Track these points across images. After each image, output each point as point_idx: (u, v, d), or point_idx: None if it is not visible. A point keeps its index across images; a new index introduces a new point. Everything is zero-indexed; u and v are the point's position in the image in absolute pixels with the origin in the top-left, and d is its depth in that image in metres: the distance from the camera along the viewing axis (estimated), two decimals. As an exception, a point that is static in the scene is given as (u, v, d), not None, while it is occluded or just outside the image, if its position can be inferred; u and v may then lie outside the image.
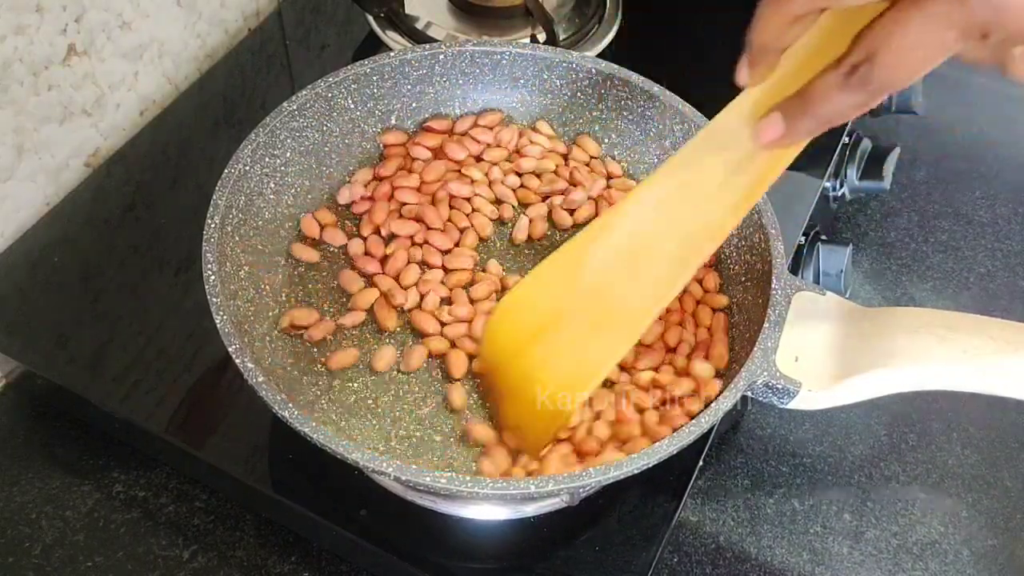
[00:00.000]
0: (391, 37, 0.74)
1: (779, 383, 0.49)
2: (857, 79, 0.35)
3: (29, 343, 0.57)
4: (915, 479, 0.64)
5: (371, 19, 0.75)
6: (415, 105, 0.64)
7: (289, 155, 0.58)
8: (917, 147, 0.86)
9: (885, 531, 0.61)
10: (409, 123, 0.64)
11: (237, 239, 0.54)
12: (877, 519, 0.62)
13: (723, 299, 0.57)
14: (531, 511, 0.52)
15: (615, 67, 0.62)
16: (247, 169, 0.55)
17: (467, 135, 0.63)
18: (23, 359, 0.57)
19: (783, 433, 0.65)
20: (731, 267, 0.58)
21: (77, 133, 0.66)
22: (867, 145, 0.78)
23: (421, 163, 0.62)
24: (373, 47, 0.75)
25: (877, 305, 0.75)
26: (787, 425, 0.66)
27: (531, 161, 0.63)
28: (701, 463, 0.55)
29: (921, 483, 0.64)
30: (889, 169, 0.77)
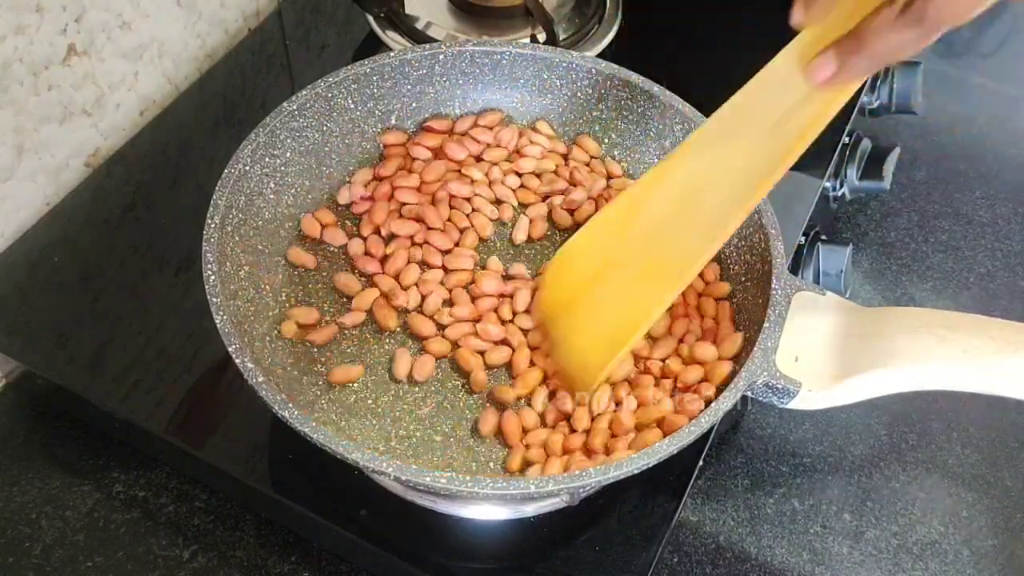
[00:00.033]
0: (391, 37, 0.74)
1: (779, 383, 0.49)
2: (912, 16, 0.35)
3: (29, 343, 0.57)
4: (915, 479, 0.64)
5: (371, 19, 0.75)
6: (415, 105, 0.64)
7: (289, 155, 0.58)
8: (917, 147, 0.86)
9: (885, 531, 0.61)
10: (409, 123, 0.64)
11: (237, 239, 0.54)
12: (877, 519, 0.62)
13: (725, 287, 0.57)
14: (531, 511, 0.52)
15: (615, 67, 0.62)
16: (247, 169, 0.55)
17: (467, 135, 0.63)
18: (23, 359, 0.57)
19: (783, 433, 0.65)
20: (731, 267, 0.58)
21: (77, 133, 0.66)
22: (867, 145, 0.78)
23: (421, 163, 0.62)
24: (373, 47, 0.75)
25: (877, 305, 0.75)
26: (787, 425, 0.66)
27: (531, 161, 0.63)
28: (701, 463, 0.55)
29: (921, 483, 0.64)
30: (889, 169, 0.77)
